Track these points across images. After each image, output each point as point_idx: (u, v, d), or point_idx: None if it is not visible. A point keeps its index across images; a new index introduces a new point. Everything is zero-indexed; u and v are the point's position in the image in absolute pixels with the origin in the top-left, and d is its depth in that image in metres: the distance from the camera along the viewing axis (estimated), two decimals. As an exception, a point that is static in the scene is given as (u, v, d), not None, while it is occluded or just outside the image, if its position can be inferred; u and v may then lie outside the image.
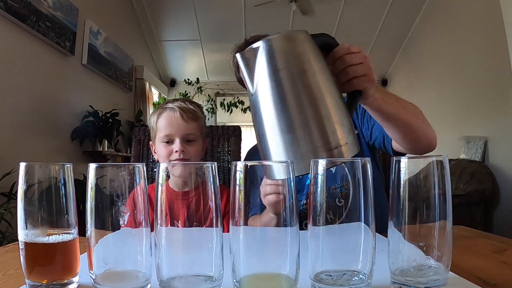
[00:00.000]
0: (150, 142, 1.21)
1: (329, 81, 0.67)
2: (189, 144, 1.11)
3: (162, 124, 1.12)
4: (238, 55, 0.65)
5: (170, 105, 1.14)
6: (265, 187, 0.71)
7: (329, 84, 0.67)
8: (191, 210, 0.44)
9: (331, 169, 0.76)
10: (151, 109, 4.80)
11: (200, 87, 5.68)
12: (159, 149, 1.12)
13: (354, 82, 0.71)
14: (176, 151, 1.08)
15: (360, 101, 0.76)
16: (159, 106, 1.18)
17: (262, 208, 0.78)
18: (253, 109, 0.67)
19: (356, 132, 0.72)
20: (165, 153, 1.10)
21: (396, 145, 0.97)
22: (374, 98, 0.77)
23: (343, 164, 0.48)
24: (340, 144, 0.64)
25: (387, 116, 0.83)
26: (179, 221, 0.45)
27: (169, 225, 0.45)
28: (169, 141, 1.11)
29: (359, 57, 0.71)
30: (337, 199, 0.46)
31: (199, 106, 1.19)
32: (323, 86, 0.65)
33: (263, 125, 0.65)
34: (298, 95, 0.64)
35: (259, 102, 0.65)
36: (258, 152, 0.68)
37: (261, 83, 0.64)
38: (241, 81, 1.19)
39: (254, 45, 0.65)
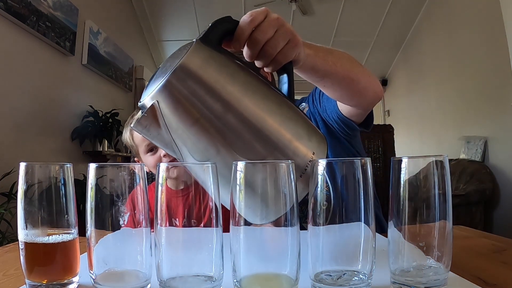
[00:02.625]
0: (135, 159, 1.20)
1: (258, 96, 0.53)
2: None
3: (138, 138, 1.12)
4: (135, 127, 0.50)
5: (136, 117, 1.14)
6: None
7: (260, 99, 0.53)
8: (189, 207, 0.44)
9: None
10: (151, 109, 4.79)
11: (200, 87, 5.67)
12: (147, 161, 1.13)
13: (279, 58, 0.57)
14: (164, 156, 1.08)
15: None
16: (126, 124, 1.19)
17: None
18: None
19: (305, 108, 0.61)
20: (154, 163, 1.10)
21: (344, 109, 0.87)
22: (306, 56, 0.63)
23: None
24: (307, 163, 0.53)
25: (323, 73, 0.70)
26: (177, 219, 0.45)
27: (167, 223, 0.45)
28: (152, 149, 1.11)
29: (270, 25, 0.55)
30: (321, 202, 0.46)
31: None
32: (256, 109, 0.51)
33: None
34: (233, 140, 0.50)
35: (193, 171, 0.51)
36: None
37: (182, 146, 0.51)
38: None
39: (146, 103, 0.49)
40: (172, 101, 0.48)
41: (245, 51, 0.57)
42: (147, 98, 0.50)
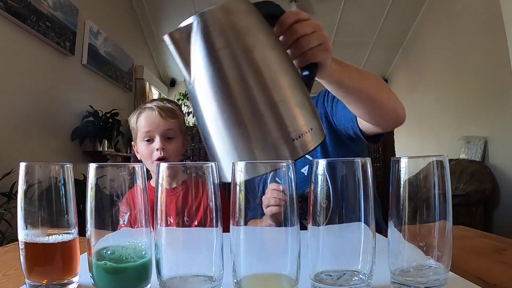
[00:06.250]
0: (132, 143, 1.25)
1: (282, 57, 0.57)
2: (169, 141, 1.16)
3: (142, 123, 1.16)
4: (166, 37, 0.53)
5: (148, 105, 1.19)
6: (269, 199, 0.70)
7: (282, 60, 0.56)
8: (181, 205, 0.45)
9: (303, 171, 0.73)
10: (151, 109, 4.80)
11: (200, 87, 5.67)
12: (140, 148, 1.17)
13: (308, 54, 0.62)
14: (157, 149, 1.12)
15: (317, 75, 0.66)
16: (138, 107, 1.23)
17: (262, 212, 0.78)
18: (193, 101, 0.55)
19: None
20: (147, 153, 1.14)
21: (363, 124, 0.90)
22: (332, 70, 0.68)
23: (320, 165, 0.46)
24: (302, 132, 0.54)
25: (348, 89, 0.74)
26: (171, 217, 0.45)
27: (163, 222, 0.45)
28: (150, 140, 1.15)
29: (311, 25, 0.61)
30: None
31: (177, 105, 1.25)
32: (276, 63, 0.55)
33: (207, 120, 0.54)
34: (246, 77, 0.52)
35: (199, 92, 0.54)
36: None
37: (199, 68, 0.53)
38: None
39: (185, 22, 0.53)
40: (204, 26, 0.52)
41: (282, 37, 0.62)
42: (188, 19, 0.53)
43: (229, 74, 0.52)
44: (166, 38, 0.53)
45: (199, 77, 0.53)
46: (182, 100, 5.54)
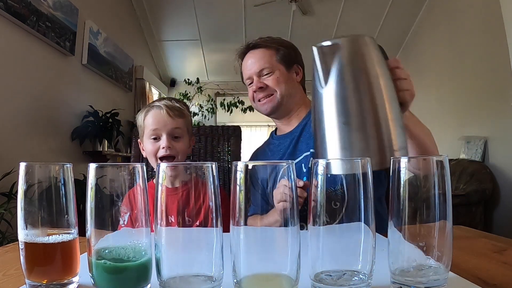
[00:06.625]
0: (139, 140, 1.26)
1: (393, 88, 0.73)
2: (176, 140, 1.16)
3: (149, 121, 1.17)
4: (314, 48, 0.67)
5: (156, 103, 1.19)
6: (282, 194, 0.71)
7: (394, 90, 0.72)
8: (183, 204, 0.45)
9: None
10: (151, 109, 4.80)
11: (200, 87, 5.68)
12: (146, 146, 1.17)
13: (399, 94, 0.77)
14: (163, 147, 1.12)
15: None
16: (146, 105, 1.24)
17: (263, 208, 0.78)
18: (319, 101, 0.69)
19: None
20: (152, 150, 1.14)
21: None
22: (405, 115, 0.82)
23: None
24: (401, 147, 0.68)
25: (410, 133, 0.89)
26: (172, 216, 0.45)
27: (164, 221, 0.45)
28: (156, 138, 1.15)
29: (405, 73, 0.80)
30: (332, 201, 0.46)
31: (184, 104, 1.25)
32: (391, 91, 0.71)
33: (327, 118, 0.68)
34: (374, 94, 0.67)
35: (327, 95, 0.68)
36: (263, 153, 0.65)
37: (333, 78, 0.67)
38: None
39: (330, 41, 0.69)
40: (348, 49, 0.68)
41: None
42: (333, 41, 0.68)
43: (357, 89, 0.67)
44: (315, 49, 0.67)
45: (332, 84, 0.67)
46: (182, 100, 5.54)
